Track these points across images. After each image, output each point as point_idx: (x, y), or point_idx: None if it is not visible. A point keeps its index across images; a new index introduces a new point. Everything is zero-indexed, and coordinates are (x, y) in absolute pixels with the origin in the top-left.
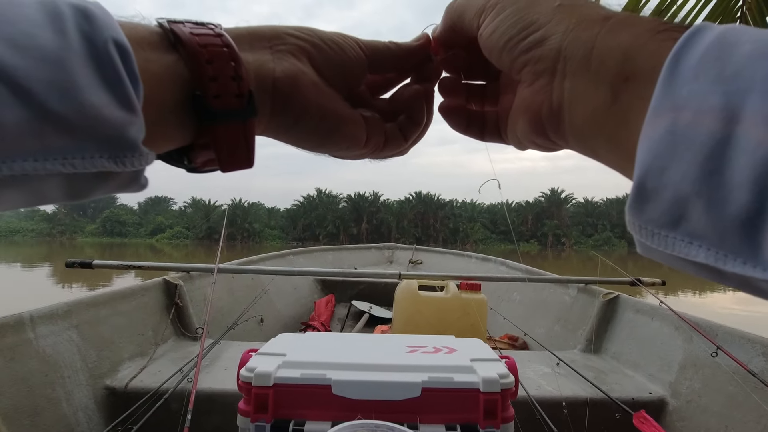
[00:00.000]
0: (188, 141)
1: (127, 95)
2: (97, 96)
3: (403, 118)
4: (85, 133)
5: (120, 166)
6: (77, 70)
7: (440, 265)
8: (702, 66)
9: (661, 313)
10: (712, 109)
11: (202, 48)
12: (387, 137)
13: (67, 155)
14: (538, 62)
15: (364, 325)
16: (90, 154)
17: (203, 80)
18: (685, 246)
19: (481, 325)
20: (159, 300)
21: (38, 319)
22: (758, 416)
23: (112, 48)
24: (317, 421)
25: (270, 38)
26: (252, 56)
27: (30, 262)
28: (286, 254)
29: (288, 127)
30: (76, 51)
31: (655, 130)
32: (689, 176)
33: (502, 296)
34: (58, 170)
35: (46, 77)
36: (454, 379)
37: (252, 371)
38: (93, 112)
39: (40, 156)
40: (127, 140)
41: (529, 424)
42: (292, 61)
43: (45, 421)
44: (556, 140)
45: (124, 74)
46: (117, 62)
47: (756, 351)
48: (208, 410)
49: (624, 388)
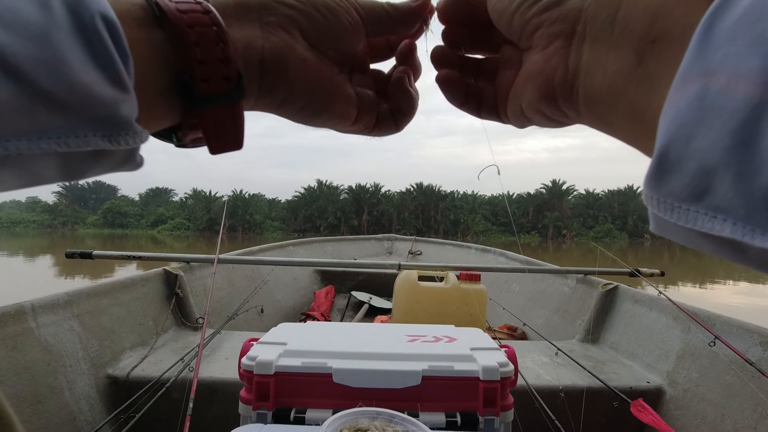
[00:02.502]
0: (177, 121)
1: (118, 73)
2: (88, 74)
3: (393, 106)
4: (77, 112)
5: (114, 145)
6: (66, 47)
7: (440, 256)
8: (739, 27)
9: (659, 303)
10: (749, 73)
11: (190, 29)
12: (378, 118)
13: (60, 134)
14: (555, 23)
15: (364, 316)
16: (84, 132)
17: (190, 64)
18: (709, 220)
19: (481, 315)
20: (160, 290)
21: (39, 309)
22: (754, 405)
23: (100, 23)
24: (318, 409)
25: (259, 8)
26: (240, 32)
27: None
28: (285, 245)
29: (276, 104)
30: (63, 26)
31: (683, 96)
32: (718, 145)
33: (502, 287)
34: (52, 149)
35: (35, 55)
36: (454, 368)
37: (253, 360)
38: (84, 90)
39: (34, 135)
40: (120, 118)
41: (528, 413)
42: (282, 35)
43: (47, 410)
44: (567, 110)
45: (114, 51)
46: (106, 38)
47: (753, 340)
48: (209, 399)
49: (622, 378)
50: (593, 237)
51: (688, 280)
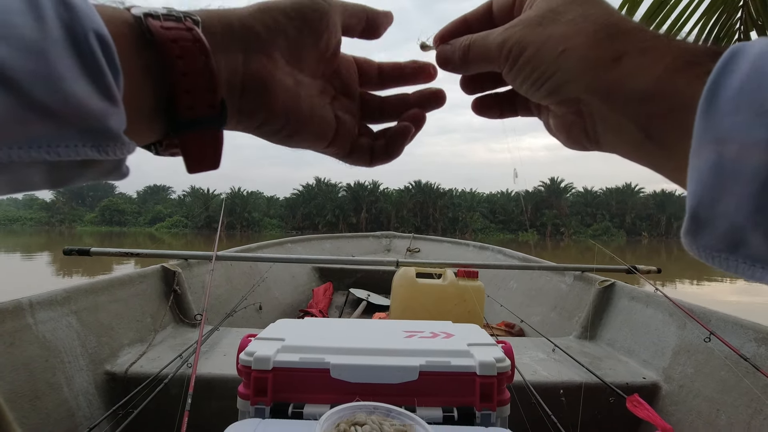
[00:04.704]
0: (158, 138)
1: (109, 87)
2: (80, 87)
3: (380, 143)
4: (68, 123)
5: (103, 155)
6: (60, 61)
7: (437, 253)
8: (742, 98)
9: (655, 300)
10: (758, 143)
11: (179, 59)
12: (353, 148)
13: (51, 144)
14: (561, 104)
15: (362, 313)
16: (74, 142)
17: (177, 91)
18: (748, 268)
19: (479, 312)
20: (158, 287)
21: (37, 305)
22: (749, 400)
23: (94, 40)
24: (316, 404)
25: (241, 32)
26: (224, 59)
27: (29, 251)
28: (284, 242)
29: (254, 126)
30: (57, 41)
31: (702, 161)
32: (743, 209)
33: (499, 284)
34: (42, 158)
35: (30, 67)
36: (451, 363)
37: (251, 355)
38: (76, 102)
39: (25, 144)
40: (109, 130)
41: (525, 409)
42: (263, 61)
43: (46, 405)
44: (596, 149)
45: (106, 66)
46: (99, 55)
47: (748, 336)
48: (207, 395)
49: (618, 373)
50: (591, 235)
51: (686, 277)
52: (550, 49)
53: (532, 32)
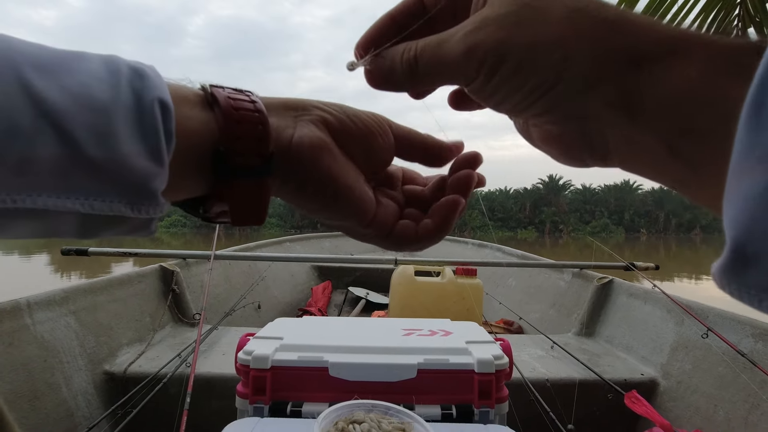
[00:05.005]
0: (205, 192)
1: (159, 148)
2: (131, 146)
3: (426, 222)
4: (110, 178)
5: (135, 213)
6: (119, 121)
7: (436, 250)
8: None
9: (653, 296)
10: None
11: (235, 111)
12: (395, 228)
13: (88, 196)
14: (560, 121)
15: (361, 311)
16: (110, 198)
17: (230, 138)
18: None
19: (477, 309)
20: (156, 287)
21: (35, 305)
22: (746, 395)
23: (156, 106)
24: (315, 403)
25: (297, 108)
26: (277, 121)
27: (27, 252)
28: (282, 241)
29: (295, 189)
30: (124, 104)
31: (747, 186)
32: None
33: (498, 282)
34: (76, 209)
35: (89, 123)
36: (449, 361)
37: (250, 354)
38: (123, 160)
39: (63, 194)
40: (148, 189)
41: (524, 406)
42: (312, 128)
43: (45, 405)
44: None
45: (161, 129)
46: (158, 118)
47: (745, 332)
48: (206, 394)
49: (616, 370)
50: (590, 232)
51: (684, 274)
52: (543, 56)
53: (509, 35)
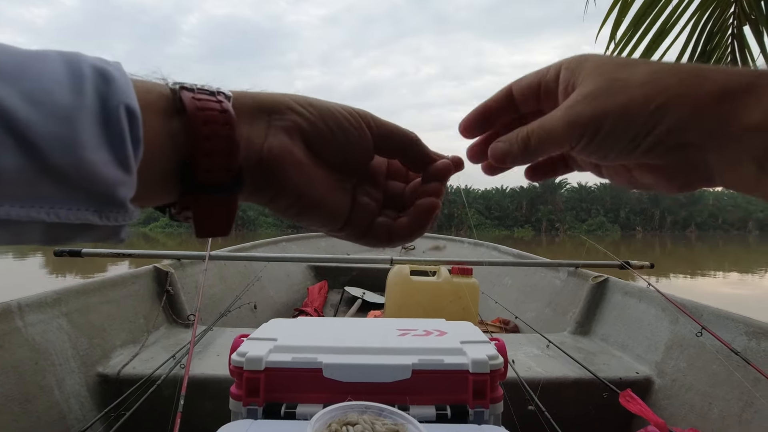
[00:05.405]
0: (173, 200)
1: (126, 156)
2: (97, 154)
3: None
4: (77, 187)
5: (104, 221)
6: (85, 128)
7: (432, 250)
8: None
9: (648, 295)
10: None
11: (203, 125)
12: (368, 230)
13: (54, 205)
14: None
15: (357, 311)
16: (77, 206)
17: (197, 155)
18: None
19: (473, 308)
20: (150, 287)
21: (26, 308)
22: (740, 393)
23: (123, 112)
24: (309, 404)
25: (271, 110)
26: (247, 130)
27: (21, 253)
28: (278, 241)
29: (266, 201)
30: (89, 109)
31: None
32: None
33: (494, 281)
34: (41, 218)
35: (53, 131)
36: (444, 361)
37: (243, 356)
38: (89, 168)
39: (27, 203)
40: (116, 197)
41: (519, 405)
42: (283, 139)
43: (37, 408)
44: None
45: (128, 137)
46: (124, 125)
47: (739, 330)
48: (200, 396)
49: (611, 369)
50: (586, 230)
51: (679, 272)
52: (638, 111)
53: (603, 104)
